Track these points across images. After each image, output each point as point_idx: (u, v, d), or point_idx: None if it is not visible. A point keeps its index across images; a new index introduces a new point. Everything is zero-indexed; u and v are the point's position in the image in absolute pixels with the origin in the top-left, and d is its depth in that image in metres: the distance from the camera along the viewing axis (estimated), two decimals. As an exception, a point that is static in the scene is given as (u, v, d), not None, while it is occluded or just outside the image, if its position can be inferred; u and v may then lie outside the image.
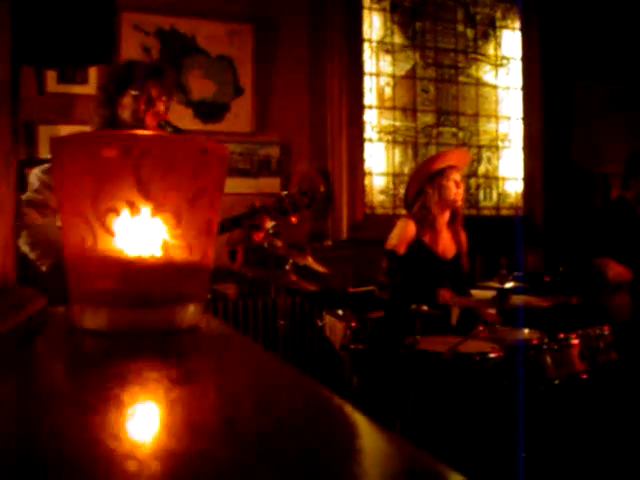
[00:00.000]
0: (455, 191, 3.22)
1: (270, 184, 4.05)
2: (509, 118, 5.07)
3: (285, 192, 2.25)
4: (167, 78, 2.34)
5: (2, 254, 0.77)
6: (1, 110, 0.78)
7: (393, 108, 4.65)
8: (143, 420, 0.48)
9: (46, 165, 2.27)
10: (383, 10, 4.65)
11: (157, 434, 0.45)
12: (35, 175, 2.29)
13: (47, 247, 2.14)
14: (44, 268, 2.13)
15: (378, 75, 4.62)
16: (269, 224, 2.25)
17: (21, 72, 1.02)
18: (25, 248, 2.22)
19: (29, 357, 0.69)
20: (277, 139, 4.17)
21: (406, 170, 4.61)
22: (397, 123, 4.66)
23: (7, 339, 0.66)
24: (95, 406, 0.50)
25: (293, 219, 2.26)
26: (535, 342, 2.59)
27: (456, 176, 3.24)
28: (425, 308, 2.65)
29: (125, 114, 2.26)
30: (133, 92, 2.25)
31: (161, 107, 2.28)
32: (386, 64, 4.66)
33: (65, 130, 3.51)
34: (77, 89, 3.71)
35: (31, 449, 0.40)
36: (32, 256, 2.18)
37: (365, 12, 4.58)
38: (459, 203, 3.26)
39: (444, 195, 3.22)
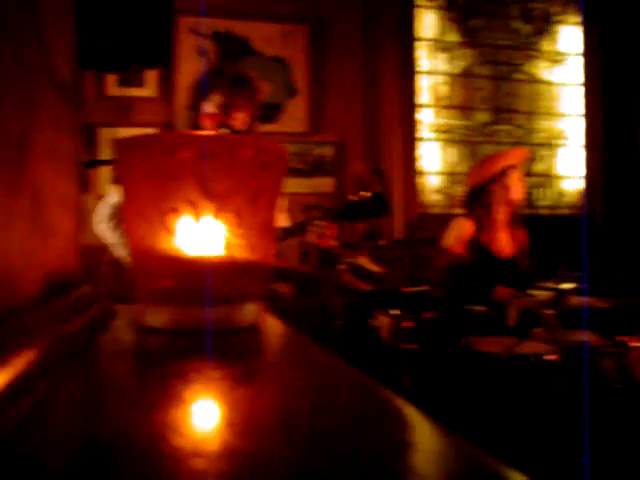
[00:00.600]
0: (519, 190, 3.18)
1: (324, 184, 4.06)
2: (566, 115, 4.95)
3: (350, 196, 2.21)
4: (251, 88, 2.37)
5: (66, 252, 0.79)
6: (68, 112, 0.81)
7: (448, 106, 4.61)
8: (207, 418, 0.49)
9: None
10: (438, 8, 4.60)
11: (222, 432, 0.45)
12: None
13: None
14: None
15: (433, 73, 4.58)
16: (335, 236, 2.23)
17: (84, 76, 1.05)
18: (116, 247, 2.31)
19: (94, 355, 0.71)
20: (331, 139, 4.17)
21: (461, 169, 4.56)
22: (452, 121, 4.61)
23: (73, 338, 0.68)
24: (159, 404, 0.51)
25: (360, 225, 2.22)
26: (594, 344, 2.53)
27: (518, 175, 3.19)
28: (480, 308, 2.62)
29: (205, 119, 2.30)
30: (215, 99, 2.28)
31: (241, 115, 2.31)
32: (441, 62, 4.61)
33: (124, 132, 3.58)
34: (135, 92, 3.79)
35: (97, 447, 0.41)
36: (122, 254, 2.27)
37: (419, 10, 4.54)
38: (518, 203, 3.22)
39: (508, 194, 3.18)
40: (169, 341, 0.76)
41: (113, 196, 2.39)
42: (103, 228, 2.34)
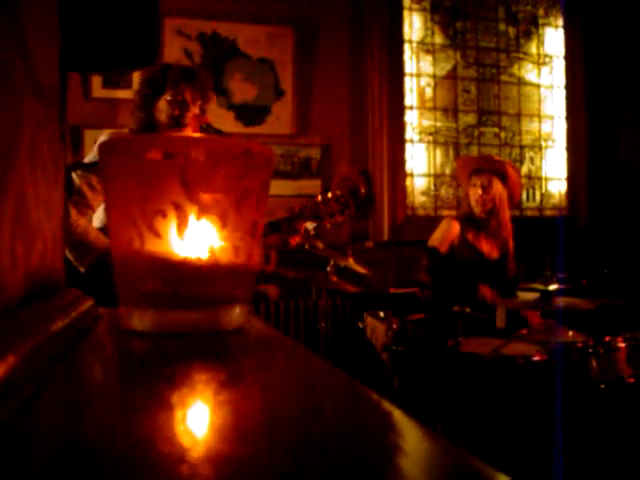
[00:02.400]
0: (477, 197, 3.19)
1: (311, 186, 4.06)
2: (552, 117, 4.99)
3: (320, 197, 2.25)
4: (201, 81, 2.37)
5: (51, 255, 0.78)
6: (50, 115, 0.80)
7: (434, 109, 4.62)
8: (192, 423, 0.48)
9: (86, 161, 2.32)
10: (423, 10, 4.62)
11: (207, 437, 0.45)
12: (76, 173, 2.34)
13: (86, 248, 2.17)
14: (82, 269, 2.16)
15: (419, 76, 4.60)
16: (310, 225, 2.25)
17: (68, 78, 1.04)
18: (65, 249, 2.27)
19: (77, 359, 0.70)
20: (318, 141, 4.17)
21: (447, 171, 4.57)
22: (438, 124, 4.63)
23: (56, 340, 0.67)
24: (143, 408, 0.50)
25: (327, 225, 2.26)
26: (580, 345, 2.54)
27: (478, 181, 3.20)
28: (468, 310, 2.62)
29: (162, 117, 2.31)
30: (167, 97, 2.28)
31: (196, 110, 2.31)
32: (427, 64, 4.63)
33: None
34: (121, 94, 3.77)
35: (80, 452, 0.41)
36: (70, 257, 2.21)
37: (405, 12, 4.56)
38: (480, 208, 3.21)
39: (468, 199, 3.22)
40: (154, 345, 0.75)
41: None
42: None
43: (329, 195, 2.21)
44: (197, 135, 1.90)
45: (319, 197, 2.24)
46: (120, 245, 0.78)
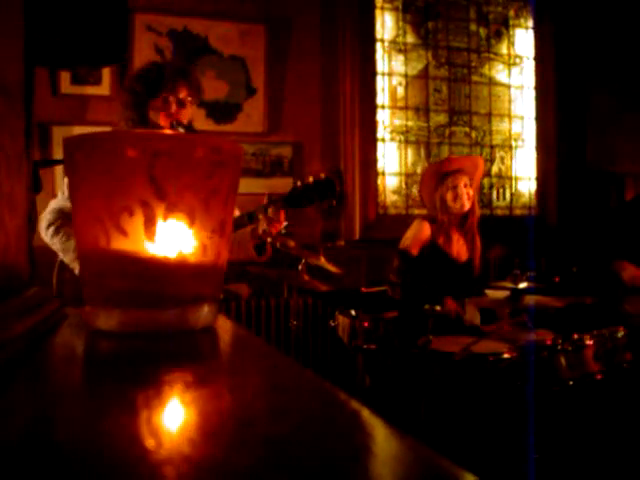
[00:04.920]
0: (455, 197, 3.20)
1: (282, 184, 4.04)
2: (522, 118, 5.04)
3: (299, 182, 2.21)
4: (195, 79, 2.35)
5: (15, 253, 0.77)
6: (14, 111, 0.78)
7: (406, 108, 4.64)
8: (158, 423, 0.48)
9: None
10: (395, 10, 4.63)
11: (172, 438, 0.44)
12: (66, 183, 2.33)
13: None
14: (76, 271, 2.21)
15: (390, 75, 4.61)
16: (284, 223, 2.23)
17: (35, 74, 1.03)
18: (60, 253, 2.28)
19: (43, 359, 0.69)
20: (290, 139, 4.16)
21: (419, 170, 4.59)
22: (410, 123, 4.65)
23: (22, 340, 0.66)
24: (108, 409, 0.49)
25: (308, 210, 2.23)
26: (549, 342, 2.57)
27: (459, 181, 3.21)
28: (439, 308, 2.64)
29: (157, 116, 2.26)
30: (166, 94, 2.24)
31: (189, 109, 2.29)
32: (398, 64, 4.64)
33: (79, 131, 3.52)
34: (91, 90, 3.72)
35: (43, 451, 0.40)
36: (66, 260, 2.26)
37: (377, 12, 4.56)
38: (460, 209, 3.23)
39: (445, 200, 3.22)
40: (121, 344, 0.74)
41: (56, 201, 2.35)
42: (46, 234, 2.29)
43: (310, 179, 2.17)
44: (165, 132, 1.88)
45: (298, 183, 2.21)
46: (85, 243, 0.77)
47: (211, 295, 0.81)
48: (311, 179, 2.17)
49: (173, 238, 0.74)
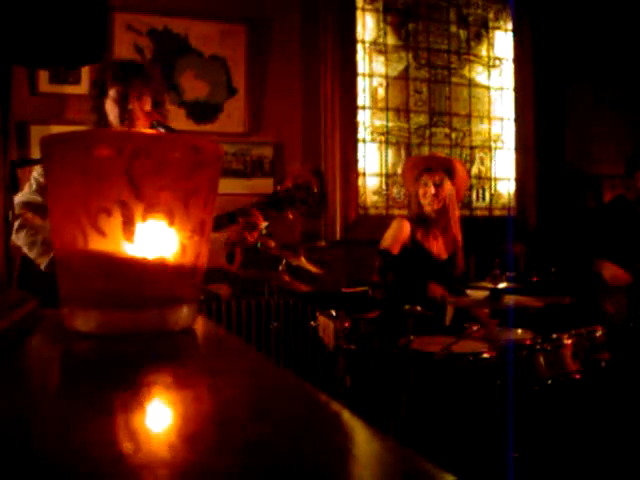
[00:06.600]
0: (429, 195, 3.22)
1: (263, 184, 4.04)
2: (502, 119, 5.07)
3: (279, 186, 2.20)
4: (150, 76, 2.31)
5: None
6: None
7: (386, 109, 4.65)
8: (137, 426, 0.47)
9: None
10: (376, 11, 4.64)
11: (151, 441, 0.44)
12: (33, 176, 2.31)
13: (45, 246, 2.18)
14: (42, 267, 2.17)
15: (371, 76, 4.62)
16: (263, 224, 2.22)
17: (12, 73, 1.01)
18: (25, 248, 2.25)
19: (18, 360, 0.68)
20: (270, 139, 4.16)
21: (399, 171, 4.60)
22: (390, 124, 4.66)
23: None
24: (85, 412, 0.49)
25: (290, 215, 2.22)
26: (528, 342, 2.59)
27: (430, 180, 3.23)
28: (419, 308, 2.64)
29: (110, 114, 2.24)
30: (111, 92, 2.22)
31: (146, 106, 2.25)
32: (379, 65, 4.65)
33: (57, 130, 3.48)
34: (69, 89, 3.69)
35: (18, 454, 0.39)
36: (31, 255, 2.22)
37: (358, 13, 4.57)
38: (432, 207, 3.24)
39: (418, 195, 3.25)
40: (98, 346, 0.74)
41: (21, 194, 2.32)
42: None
43: (289, 183, 2.16)
44: (144, 131, 1.86)
45: (278, 187, 2.20)
46: (63, 243, 0.76)
47: (190, 296, 0.80)
48: (291, 184, 2.16)
49: (152, 239, 0.73)
